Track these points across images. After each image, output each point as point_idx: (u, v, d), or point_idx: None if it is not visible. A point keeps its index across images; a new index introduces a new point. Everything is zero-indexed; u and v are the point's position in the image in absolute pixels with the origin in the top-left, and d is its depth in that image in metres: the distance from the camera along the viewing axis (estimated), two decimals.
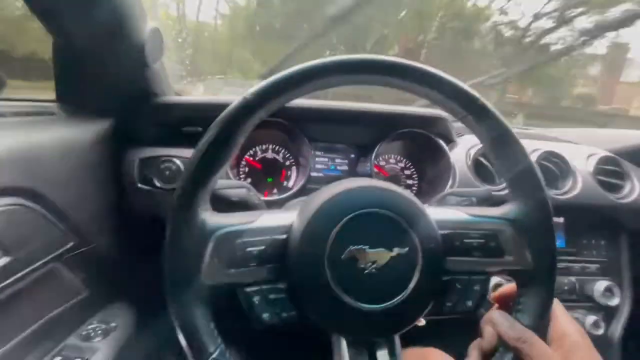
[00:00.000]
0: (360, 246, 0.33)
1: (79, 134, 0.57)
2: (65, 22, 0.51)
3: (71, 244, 0.55)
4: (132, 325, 0.69)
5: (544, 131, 1.08)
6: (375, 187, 0.36)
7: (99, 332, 0.61)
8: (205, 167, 0.32)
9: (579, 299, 0.77)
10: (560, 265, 0.77)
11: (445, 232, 0.36)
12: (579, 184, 0.77)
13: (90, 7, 0.50)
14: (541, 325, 0.35)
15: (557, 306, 0.37)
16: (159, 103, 0.69)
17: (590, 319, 0.75)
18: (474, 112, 0.36)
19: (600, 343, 0.75)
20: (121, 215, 0.67)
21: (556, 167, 0.80)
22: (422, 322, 0.44)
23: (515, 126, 1.23)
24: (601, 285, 0.76)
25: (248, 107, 0.33)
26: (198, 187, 0.32)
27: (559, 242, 0.81)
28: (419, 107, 0.78)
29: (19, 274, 0.46)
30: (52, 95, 0.61)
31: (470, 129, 0.38)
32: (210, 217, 0.34)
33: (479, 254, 0.37)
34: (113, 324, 0.65)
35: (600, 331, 0.75)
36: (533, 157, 0.77)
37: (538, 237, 0.36)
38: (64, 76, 0.56)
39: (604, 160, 0.80)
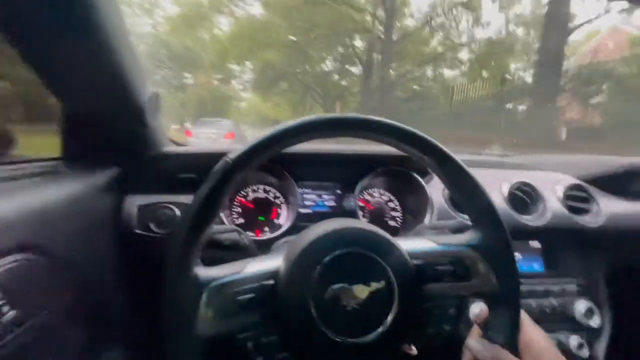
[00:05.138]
0: (340, 285, 0.36)
1: (82, 187, 0.62)
2: (73, 90, 0.57)
3: (74, 294, 0.58)
4: None
5: (519, 159, 1.15)
6: (347, 227, 0.40)
7: None
8: (194, 230, 0.36)
9: (561, 320, 0.78)
10: (540, 287, 0.80)
11: (418, 262, 0.39)
12: (549, 209, 0.82)
13: (96, 75, 0.56)
14: (512, 340, 0.38)
15: (523, 316, 0.40)
16: (156, 154, 0.75)
17: (574, 340, 0.76)
18: (433, 157, 0.41)
19: None
20: (121, 263, 0.70)
21: (527, 196, 0.85)
22: (413, 351, 0.46)
23: (491, 155, 1.31)
24: (582, 305, 0.78)
25: (229, 171, 0.36)
26: (189, 247, 0.36)
27: (538, 267, 0.85)
28: None
29: (24, 326, 0.49)
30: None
31: (432, 171, 0.43)
32: (202, 272, 0.37)
33: (450, 279, 0.40)
34: None
35: (586, 353, 0.76)
36: (506, 187, 0.84)
37: (499, 260, 0.40)
38: (70, 136, 0.62)
39: (571, 187, 0.86)
